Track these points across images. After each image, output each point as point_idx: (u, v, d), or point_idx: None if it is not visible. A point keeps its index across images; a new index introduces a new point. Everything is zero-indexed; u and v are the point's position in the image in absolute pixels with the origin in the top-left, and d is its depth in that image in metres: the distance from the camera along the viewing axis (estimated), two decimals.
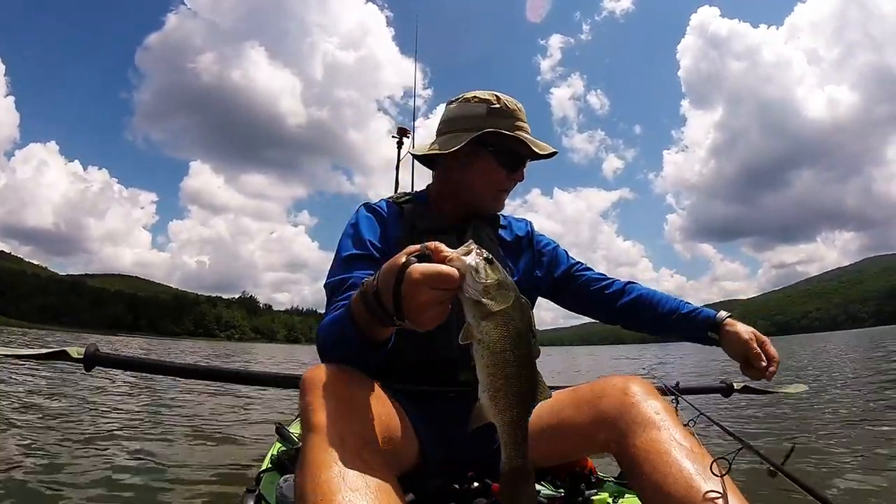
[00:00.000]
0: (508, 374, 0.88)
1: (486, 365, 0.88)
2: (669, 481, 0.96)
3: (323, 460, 0.88)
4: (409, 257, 0.92)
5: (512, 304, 0.89)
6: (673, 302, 1.63)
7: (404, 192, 1.66)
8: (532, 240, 1.68)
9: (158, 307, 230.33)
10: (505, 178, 1.50)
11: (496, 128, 1.42)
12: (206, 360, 18.10)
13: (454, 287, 0.88)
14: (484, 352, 0.88)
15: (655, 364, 18.45)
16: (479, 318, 0.88)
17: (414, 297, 0.88)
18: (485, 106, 1.46)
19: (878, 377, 9.06)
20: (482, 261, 0.89)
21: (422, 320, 0.90)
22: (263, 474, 1.50)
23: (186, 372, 1.98)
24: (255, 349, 49.00)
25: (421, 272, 0.87)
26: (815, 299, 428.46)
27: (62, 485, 2.67)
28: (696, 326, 1.56)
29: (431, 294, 0.87)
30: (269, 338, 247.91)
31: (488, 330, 0.87)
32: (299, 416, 1.09)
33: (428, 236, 1.43)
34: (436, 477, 1.26)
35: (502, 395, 0.88)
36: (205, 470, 3.19)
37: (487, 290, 0.87)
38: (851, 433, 4.47)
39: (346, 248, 1.40)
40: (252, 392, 7.04)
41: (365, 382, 1.09)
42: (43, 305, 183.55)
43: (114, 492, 2.65)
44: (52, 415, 4.64)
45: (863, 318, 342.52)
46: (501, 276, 0.89)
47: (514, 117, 1.47)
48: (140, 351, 20.47)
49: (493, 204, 1.55)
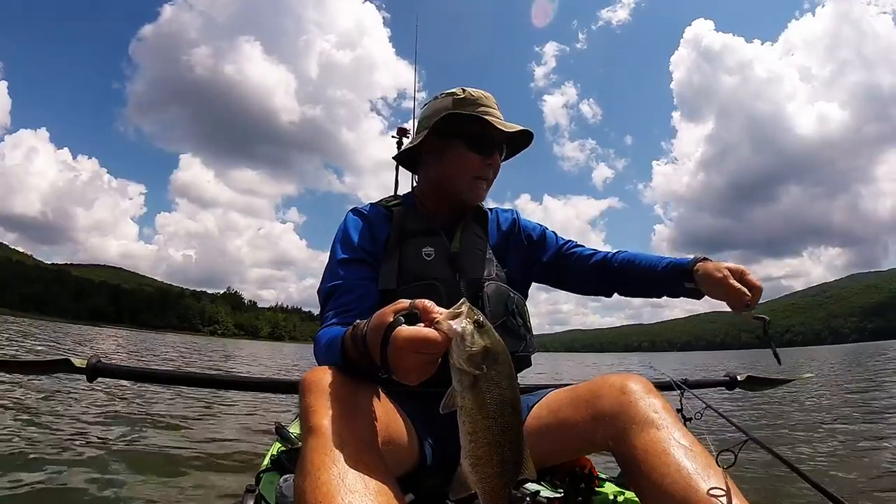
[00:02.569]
0: (491, 443, 0.84)
1: (469, 432, 0.84)
2: (668, 481, 0.96)
3: (322, 462, 0.88)
4: (396, 316, 0.91)
5: (498, 371, 0.85)
6: (654, 260, 1.60)
7: (392, 195, 1.71)
8: (520, 228, 1.71)
9: (142, 300, 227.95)
10: (479, 163, 1.50)
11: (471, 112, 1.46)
12: (188, 354, 18.06)
13: (440, 352, 0.86)
14: (466, 418, 0.84)
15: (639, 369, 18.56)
16: (463, 385, 0.84)
17: (399, 361, 0.88)
18: (450, 99, 1.51)
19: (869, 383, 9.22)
20: (470, 325, 0.85)
21: (408, 380, 0.91)
22: (263, 474, 1.50)
23: (188, 381, 2.00)
24: (238, 346, 48.68)
25: (405, 338, 0.86)
26: (798, 313, 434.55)
27: (62, 485, 2.65)
28: (675, 280, 1.53)
29: (417, 359, 0.87)
30: (253, 334, 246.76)
31: (471, 397, 0.84)
32: (299, 416, 1.09)
33: (417, 236, 1.46)
34: (435, 477, 1.25)
35: (484, 464, 0.84)
36: (205, 470, 3.19)
37: (472, 358, 0.84)
38: (853, 428, 4.56)
39: (337, 253, 1.44)
40: (253, 393, 6.96)
41: (365, 384, 1.09)
42: (26, 294, 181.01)
43: (114, 492, 2.64)
44: (50, 415, 4.58)
45: (845, 333, 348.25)
46: (490, 342, 0.85)
47: (479, 104, 1.49)
48: (119, 347, 20.32)
49: (470, 193, 1.54)
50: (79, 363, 1.78)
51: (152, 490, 2.70)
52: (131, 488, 2.70)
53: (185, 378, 1.99)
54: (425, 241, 1.46)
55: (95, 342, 18.11)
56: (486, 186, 1.55)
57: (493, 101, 1.51)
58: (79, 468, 2.95)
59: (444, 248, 1.46)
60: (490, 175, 1.54)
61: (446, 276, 1.41)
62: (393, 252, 1.44)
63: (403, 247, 1.44)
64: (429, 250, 1.44)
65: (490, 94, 1.52)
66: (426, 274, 1.39)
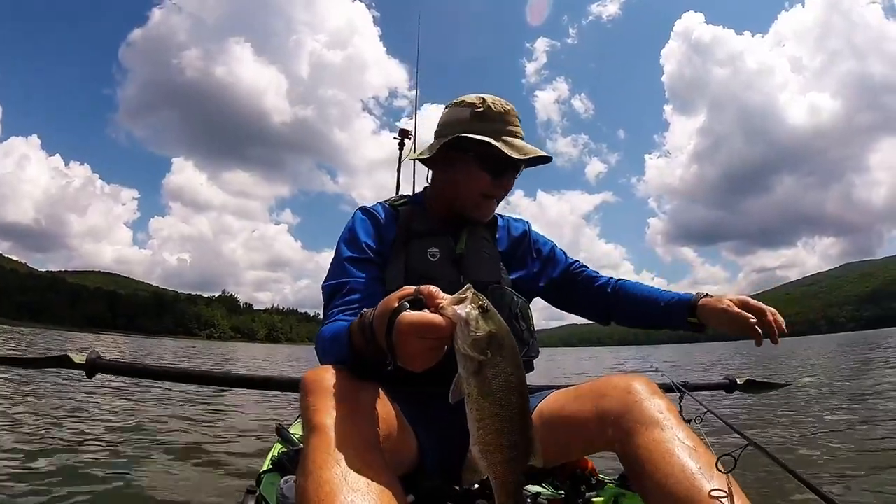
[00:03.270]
0: (499, 429, 0.84)
1: (477, 419, 0.84)
2: (672, 481, 0.96)
3: (324, 461, 0.87)
4: (401, 302, 0.91)
5: (504, 356, 0.85)
6: (656, 293, 1.60)
7: (401, 194, 1.67)
8: (530, 241, 1.68)
9: (138, 305, 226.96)
10: (489, 183, 1.46)
11: (479, 132, 1.40)
12: (186, 360, 17.96)
13: (444, 337, 0.86)
14: (473, 405, 0.84)
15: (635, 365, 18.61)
16: (469, 371, 0.84)
17: (403, 346, 0.88)
18: (469, 110, 1.44)
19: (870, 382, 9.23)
20: (475, 310, 0.85)
21: (413, 366, 0.90)
22: (264, 475, 1.49)
23: (187, 377, 1.99)
24: (235, 349, 48.54)
25: (409, 323, 0.86)
26: (794, 304, 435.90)
27: (62, 484, 2.64)
28: (677, 314, 1.52)
29: (421, 344, 0.87)
30: (250, 337, 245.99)
31: (478, 383, 0.84)
32: (300, 416, 1.08)
33: (423, 237, 1.45)
34: (436, 478, 1.25)
35: (493, 450, 0.84)
36: (205, 470, 3.18)
37: (477, 343, 0.83)
38: (854, 432, 4.57)
39: (343, 251, 1.42)
40: (253, 393, 6.99)
41: (366, 383, 1.09)
42: (21, 303, 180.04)
43: (114, 492, 2.63)
44: (48, 415, 4.57)
45: (842, 322, 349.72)
46: (495, 327, 0.85)
47: (501, 120, 1.43)
48: (118, 353, 20.21)
49: (476, 211, 1.51)
50: (78, 359, 1.78)
51: (152, 491, 2.69)
52: (131, 488, 2.69)
53: (184, 375, 1.98)
54: (431, 241, 1.44)
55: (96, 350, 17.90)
56: (494, 205, 1.52)
57: (514, 116, 1.45)
58: (79, 468, 2.94)
59: (450, 250, 1.45)
60: (501, 194, 1.50)
61: (451, 278, 1.39)
62: (399, 252, 1.43)
63: (409, 247, 1.43)
64: (434, 251, 1.43)
65: (512, 107, 1.46)
66: (430, 275, 1.36)
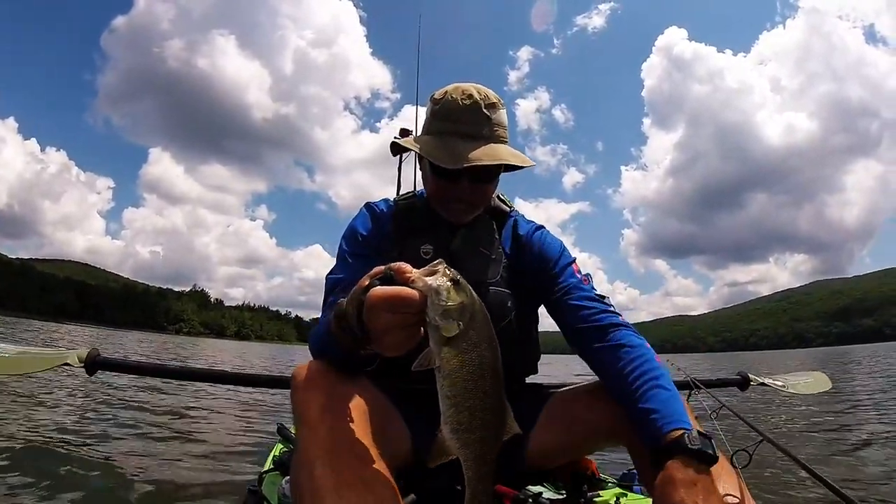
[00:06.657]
0: (472, 407, 0.81)
1: (447, 396, 0.81)
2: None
3: (317, 455, 0.89)
4: (372, 280, 0.88)
5: (477, 331, 0.81)
6: (641, 387, 1.11)
7: (409, 192, 1.62)
8: (540, 244, 1.47)
9: (107, 296, 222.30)
10: (441, 188, 1.36)
11: (433, 131, 1.33)
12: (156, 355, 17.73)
13: (416, 310, 0.81)
14: (444, 381, 0.81)
15: None
16: (439, 344, 0.80)
17: (374, 322, 0.85)
18: (430, 104, 1.37)
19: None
20: (446, 281, 0.82)
21: (384, 345, 0.87)
22: (265, 475, 1.51)
23: (185, 375, 2.03)
24: (201, 345, 47.75)
25: (378, 296, 0.82)
26: (764, 318, 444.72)
27: (61, 484, 2.58)
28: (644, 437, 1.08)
29: (392, 318, 0.83)
30: (219, 333, 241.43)
31: (449, 357, 0.80)
32: (292, 411, 1.09)
33: (418, 233, 1.43)
34: (437, 478, 1.23)
35: (465, 429, 0.81)
36: (206, 470, 3.16)
37: (448, 314, 0.80)
38: (870, 429, 4.67)
39: (343, 246, 1.43)
40: (253, 392, 7.06)
41: (356, 378, 1.11)
42: None
43: (114, 492, 2.59)
44: (46, 414, 4.46)
45: (809, 338, 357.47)
46: (467, 299, 0.82)
47: (451, 119, 1.29)
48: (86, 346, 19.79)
49: (445, 213, 1.40)
50: (78, 357, 1.78)
51: (153, 490, 2.65)
52: (132, 488, 2.65)
53: (185, 373, 2.01)
54: (426, 238, 1.40)
55: (59, 343, 17.45)
56: (463, 209, 1.39)
57: (468, 113, 1.28)
58: (78, 468, 2.88)
59: (444, 247, 1.38)
60: (465, 198, 1.35)
61: None
62: (393, 248, 1.41)
63: (404, 244, 1.41)
64: (427, 248, 1.38)
65: (475, 102, 1.29)
66: None
